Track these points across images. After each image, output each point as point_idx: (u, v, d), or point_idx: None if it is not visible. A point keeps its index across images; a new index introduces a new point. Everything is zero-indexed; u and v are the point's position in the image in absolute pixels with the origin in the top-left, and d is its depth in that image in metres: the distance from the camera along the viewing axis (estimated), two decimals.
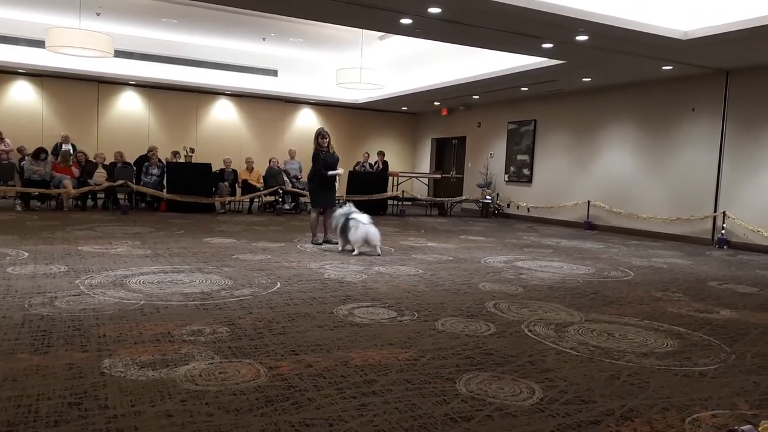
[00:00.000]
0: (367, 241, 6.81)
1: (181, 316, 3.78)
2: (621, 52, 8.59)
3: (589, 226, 11.82)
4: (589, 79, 11.01)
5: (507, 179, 14.29)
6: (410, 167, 17.86)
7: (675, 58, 8.78)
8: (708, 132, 9.87)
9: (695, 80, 10.00)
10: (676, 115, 10.40)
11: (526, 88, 12.30)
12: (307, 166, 14.33)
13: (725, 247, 9.38)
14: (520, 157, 13.94)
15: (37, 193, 11.08)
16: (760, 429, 1.27)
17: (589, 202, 11.94)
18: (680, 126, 10.34)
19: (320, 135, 7.68)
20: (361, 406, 2.48)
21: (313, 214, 7.81)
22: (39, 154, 11.18)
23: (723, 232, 9.50)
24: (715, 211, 9.68)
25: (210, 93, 15.18)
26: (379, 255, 6.81)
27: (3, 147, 12.13)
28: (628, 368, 3.17)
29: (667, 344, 3.69)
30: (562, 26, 7.38)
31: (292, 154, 14.31)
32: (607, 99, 11.73)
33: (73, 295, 4.22)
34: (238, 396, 2.52)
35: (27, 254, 5.87)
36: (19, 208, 10.62)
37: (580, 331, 3.88)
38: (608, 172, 11.71)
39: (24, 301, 3.99)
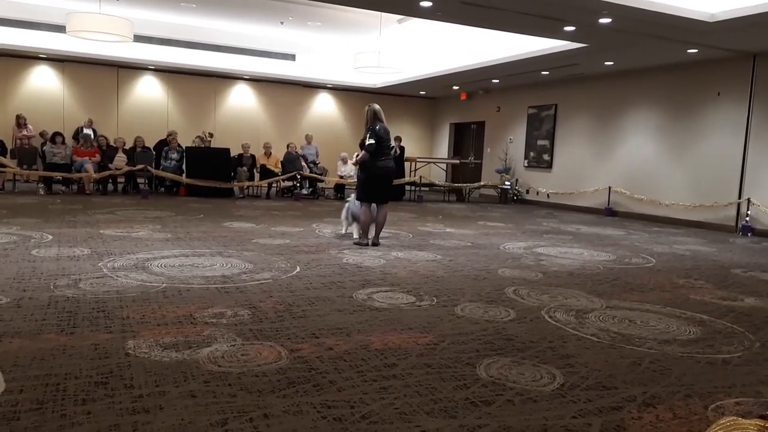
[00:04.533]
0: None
1: (202, 299, 3.82)
2: (645, 35, 8.43)
3: (609, 213, 11.70)
4: (612, 63, 10.83)
5: (526, 165, 14.16)
6: (428, 152, 17.78)
7: (700, 41, 8.59)
8: (733, 117, 9.67)
9: (721, 64, 9.78)
10: (701, 100, 10.20)
11: (547, 72, 12.14)
12: (326, 152, 14.60)
13: (749, 234, 9.22)
14: (540, 142, 13.79)
15: (60, 178, 11.24)
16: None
17: (609, 188, 11.80)
18: (705, 111, 10.14)
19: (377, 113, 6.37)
20: (382, 389, 2.49)
21: (366, 209, 6.41)
22: (55, 137, 11.40)
23: (747, 219, 9.34)
24: (739, 198, 9.51)
25: (228, 78, 15.21)
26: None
27: (26, 132, 12.30)
28: (650, 355, 3.14)
29: (690, 331, 3.65)
30: (584, 8, 7.25)
31: (308, 139, 14.28)
32: (630, 83, 11.53)
33: (97, 278, 4.29)
34: (260, 378, 2.55)
35: (51, 237, 5.97)
36: (42, 192, 10.79)
37: (601, 318, 3.86)
38: (630, 157, 11.54)
39: (49, 282, 4.06)
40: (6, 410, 2.13)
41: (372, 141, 6.22)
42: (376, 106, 6.45)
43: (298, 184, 12.57)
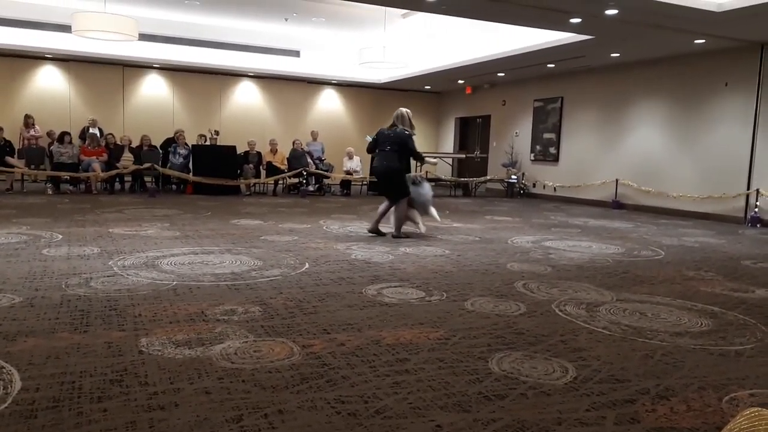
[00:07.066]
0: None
1: (213, 296, 3.83)
2: (652, 26, 8.38)
3: (617, 205, 11.66)
4: (618, 55, 10.77)
5: (533, 158, 14.12)
6: (434, 147, 17.74)
7: (708, 32, 8.53)
8: (741, 108, 9.60)
9: (729, 54, 9.71)
10: (708, 91, 10.13)
11: (553, 65, 12.09)
12: (332, 148, 14.57)
13: (758, 225, 9.18)
14: (546, 135, 13.75)
15: (67, 177, 11.29)
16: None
17: (617, 180, 11.76)
18: (712, 102, 10.08)
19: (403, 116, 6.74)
20: (395, 384, 2.50)
21: (403, 205, 6.72)
22: (63, 137, 11.48)
23: (756, 210, 9.29)
24: (748, 189, 9.46)
25: (233, 75, 15.22)
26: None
27: (33, 133, 12.37)
28: (662, 347, 3.13)
29: (702, 323, 3.63)
30: (591, 0, 7.20)
31: (314, 136, 14.29)
32: (637, 75, 11.47)
33: (108, 276, 4.31)
34: (273, 374, 2.56)
35: (61, 236, 6.00)
36: (50, 191, 10.84)
37: (611, 311, 3.85)
38: (637, 149, 11.49)
39: (61, 281, 4.09)
40: (23, 408, 2.15)
41: (370, 139, 6.68)
42: (400, 110, 6.85)
43: (305, 181, 12.58)
